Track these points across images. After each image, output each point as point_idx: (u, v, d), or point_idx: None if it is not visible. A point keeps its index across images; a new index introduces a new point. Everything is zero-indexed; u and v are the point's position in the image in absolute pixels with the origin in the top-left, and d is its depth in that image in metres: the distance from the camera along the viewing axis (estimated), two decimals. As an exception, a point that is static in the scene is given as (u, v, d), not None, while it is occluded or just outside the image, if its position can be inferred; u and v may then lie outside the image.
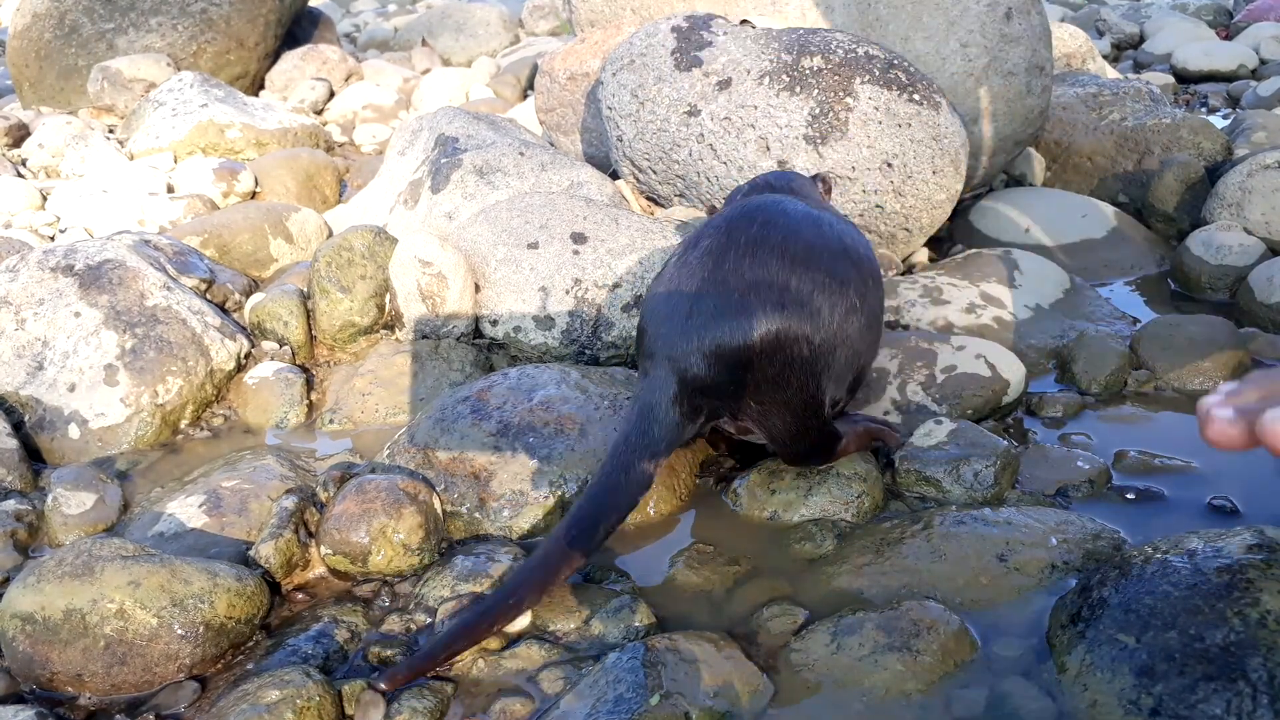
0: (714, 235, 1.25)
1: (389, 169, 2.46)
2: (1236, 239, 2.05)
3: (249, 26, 4.05)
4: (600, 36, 2.50)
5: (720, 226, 1.26)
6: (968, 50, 2.26)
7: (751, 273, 1.20)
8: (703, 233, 1.28)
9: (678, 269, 1.26)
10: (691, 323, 1.20)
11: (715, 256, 1.22)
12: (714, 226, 1.27)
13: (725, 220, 1.27)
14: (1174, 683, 0.99)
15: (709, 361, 1.19)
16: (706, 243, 1.25)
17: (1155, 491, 1.39)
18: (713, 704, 1.05)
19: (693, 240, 1.29)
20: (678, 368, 1.20)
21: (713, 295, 1.20)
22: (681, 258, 1.27)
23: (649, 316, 1.27)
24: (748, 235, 1.23)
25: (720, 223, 1.27)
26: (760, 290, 1.19)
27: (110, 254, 1.87)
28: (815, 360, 1.20)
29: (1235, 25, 4.50)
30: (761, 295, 1.18)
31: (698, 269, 1.23)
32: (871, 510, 1.37)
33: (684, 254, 1.28)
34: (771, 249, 1.21)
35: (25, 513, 1.48)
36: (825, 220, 1.28)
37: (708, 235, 1.26)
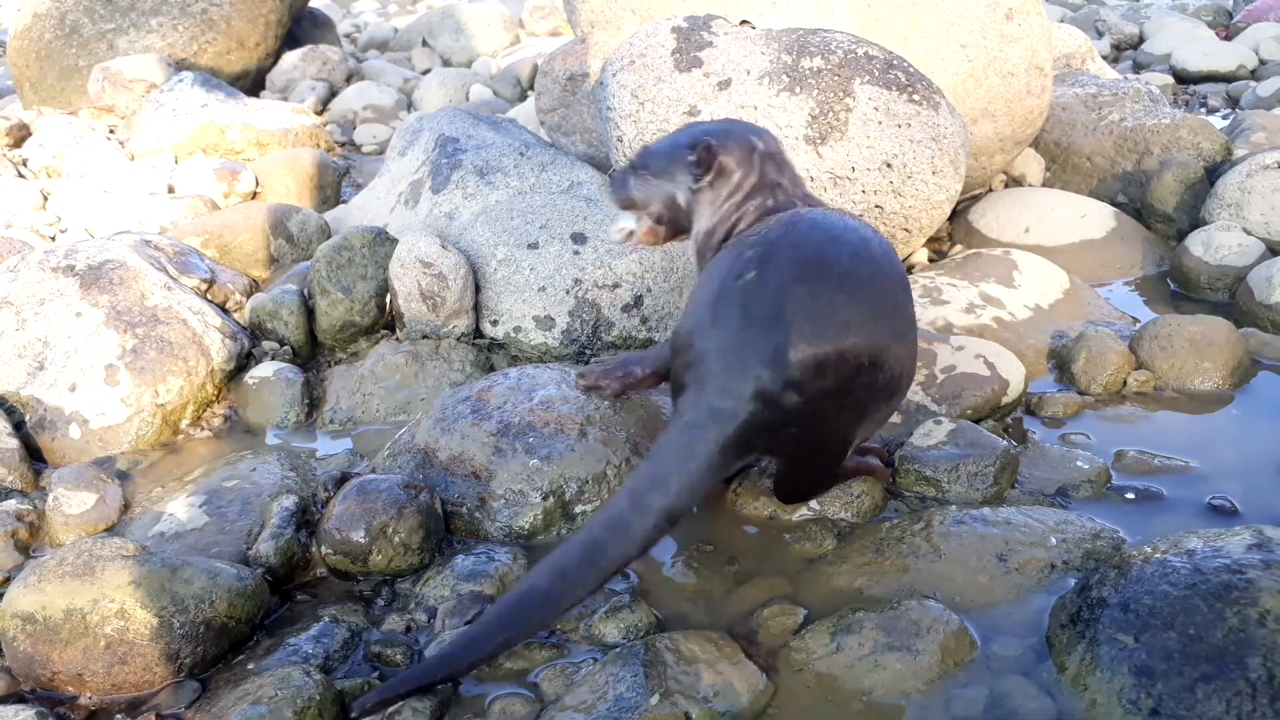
0: (787, 262, 1.18)
1: (389, 169, 2.46)
2: (1236, 239, 2.05)
3: (249, 27, 4.05)
4: (600, 37, 2.50)
5: (791, 251, 1.19)
6: (967, 50, 2.26)
7: (855, 301, 1.16)
8: (763, 254, 1.20)
9: (743, 291, 1.18)
10: (783, 346, 1.13)
11: (802, 284, 1.16)
12: (776, 249, 1.20)
13: (794, 244, 1.20)
14: (1173, 682, 0.99)
15: (799, 386, 1.14)
16: (780, 272, 1.17)
17: (1155, 491, 1.39)
18: (713, 704, 1.05)
19: (752, 261, 1.20)
20: (755, 393, 1.14)
21: (808, 319, 1.14)
22: (745, 279, 1.19)
23: (712, 337, 1.18)
24: (839, 267, 1.17)
25: (787, 247, 1.20)
26: (875, 318, 1.17)
27: (111, 254, 1.87)
28: (897, 385, 1.23)
29: (1235, 25, 4.50)
30: (877, 323, 1.17)
31: (778, 292, 1.16)
32: (871, 510, 1.37)
33: (748, 275, 1.19)
34: (868, 280, 1.18)
35: (26, 512, 1.48)
36: (885, 244, 1.26)
37: (773, 261, 1.19)
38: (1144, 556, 1.12)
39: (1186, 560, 1.08)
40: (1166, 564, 1.09)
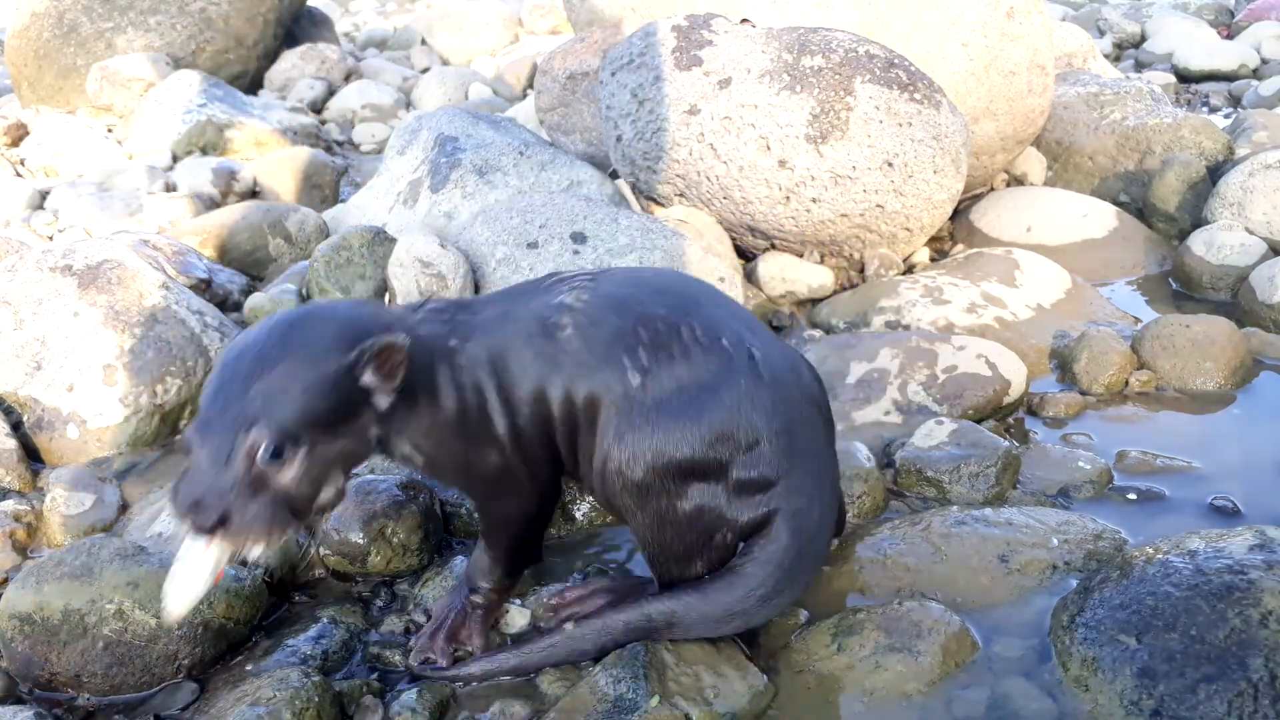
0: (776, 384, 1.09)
1: (388, 168, 2.46)
2: (1238, 238, 2.04)
3: (248, 25, 4.04)
4: (600, 36, 2.49)
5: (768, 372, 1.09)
6: (969, 49, 2.26)
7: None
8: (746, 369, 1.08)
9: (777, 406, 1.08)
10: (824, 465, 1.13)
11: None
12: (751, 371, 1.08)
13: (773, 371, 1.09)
14: (1175, 683, 0.99)
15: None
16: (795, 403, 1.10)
17: (1157, 491, 1.39)
18: (713, 705, 1.04)
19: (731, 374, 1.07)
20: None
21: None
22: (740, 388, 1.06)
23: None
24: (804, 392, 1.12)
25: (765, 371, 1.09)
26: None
27: (109, 254, 1.86)
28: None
29: (1236, 24, 4.50)
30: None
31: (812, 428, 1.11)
32: (872, 510, 1.37)
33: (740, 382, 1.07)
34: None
35: (24, 513, 1.48)
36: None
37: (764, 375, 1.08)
38: (1146, 557, 1.11)
39: (1188, 561, 1.08)
40: (1168, 565, 1.08)
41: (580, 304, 1.10)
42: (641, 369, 1.05)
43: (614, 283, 1.13)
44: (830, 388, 1.61)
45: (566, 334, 1.08)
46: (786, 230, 2.01)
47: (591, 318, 1.09)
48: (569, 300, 1.10)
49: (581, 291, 1.11)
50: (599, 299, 1.10)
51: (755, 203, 1.99)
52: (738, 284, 1.90)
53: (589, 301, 1.10)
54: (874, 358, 1.64)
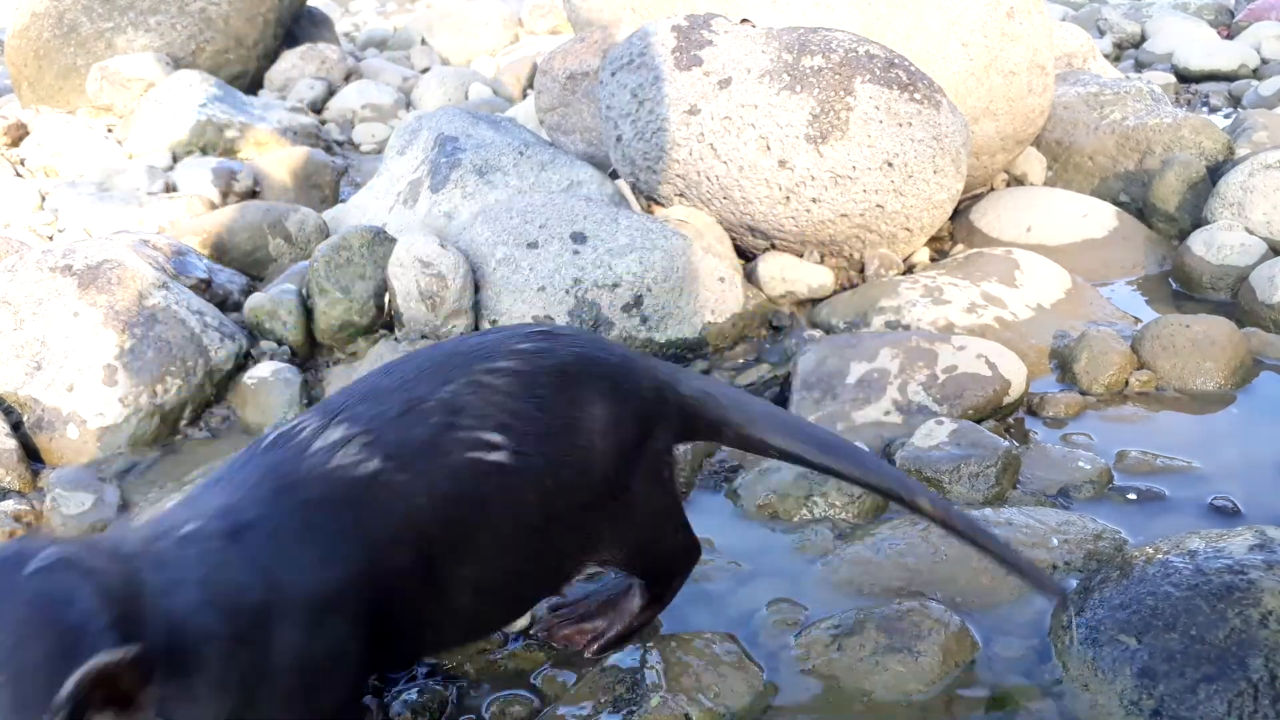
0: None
1: (388, 168, 2.46)
2: (1238, 238, 2.04)
3: (248, 25, 4.04)
4: (600, 36, 2.49)
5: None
6: (969, 49, 2.26)
7: None
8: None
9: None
10: None
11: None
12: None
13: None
14: (1175, 683, 0.99)
15: None
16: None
17: (1157, 491, 1.39)
18: (713, 705, 1.04)
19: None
20: None
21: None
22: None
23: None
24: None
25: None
26: None
27: (109, 254, 1.86)
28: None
29: (1236, 24, 4.49)
30: None
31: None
32: (872, 510, 1.37)
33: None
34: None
35: (24, 513, 1.48)
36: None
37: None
38: (1146, 557, 1.11)
39: (1188, 561, 1.08)
40: (1168, 565, 1.08)
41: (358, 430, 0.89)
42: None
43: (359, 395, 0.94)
44: (830, 388, 1.61)
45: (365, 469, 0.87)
46: (786, 230, 2.01)
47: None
48: (340, 434, 0.88)
49: (347, 424, 0.90)
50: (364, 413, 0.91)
51: (755, 203, 1.99)
52: (738, 284, 1.90)
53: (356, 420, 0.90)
54: (874, 358, 1.64)
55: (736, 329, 1.87)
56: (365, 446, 0.88)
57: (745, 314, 1.88)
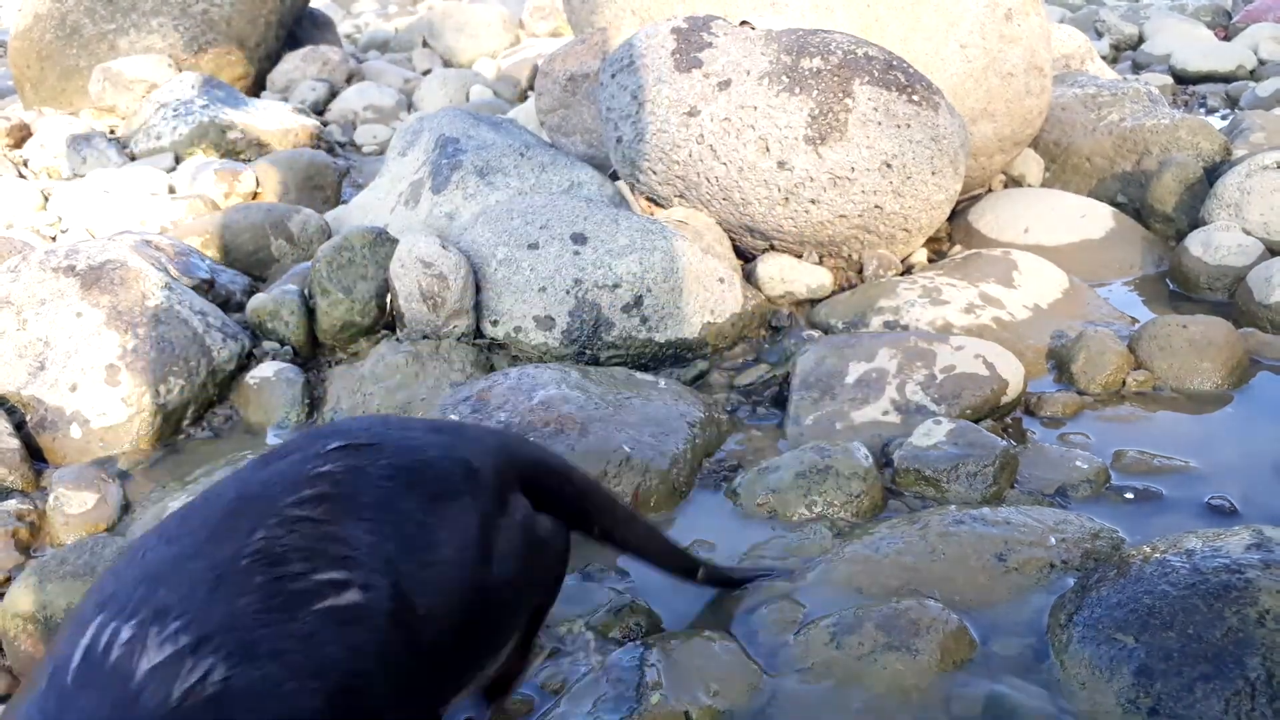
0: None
1: (390, 169, 2.46)
2: (1235, 239, 2.05)
3: (250, 27, 4.05)
4: (600, 37, 2.50)
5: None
6: (967, 51, 2.27)
7: None
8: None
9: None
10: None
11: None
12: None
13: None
14: (1172, 682, 0.99)
15: None
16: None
17: (1154, 491, 1.39)
18: (712, 703, 1.05)
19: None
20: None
21: None
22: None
23: None
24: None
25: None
26: None
27: (112, 254, 1.87)
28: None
29: (1234, 26, 4.50)
30: None
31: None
32: (870, 509, 1.38)
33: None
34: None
35: (27, 512, 1.48)
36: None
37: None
38: (1143, 556, 1.12)
39: (1186, 560, 1.09)
40: (1166, 564, 1.09)
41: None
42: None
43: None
44: (829, 388, 1.62)
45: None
46: (785, 231, 2.02)
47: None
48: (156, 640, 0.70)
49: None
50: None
51: (754, 204, 2.00)
52: (737, 284, 1.91)
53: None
54: (872, 358, 1.64)
55: (736, 329, 1.88)
56: (196, 651, 0.70)
57: (744, 314, 1.89)
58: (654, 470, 1.44)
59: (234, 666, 0.70)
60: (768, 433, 1.62)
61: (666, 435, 1.50)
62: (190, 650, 0.70)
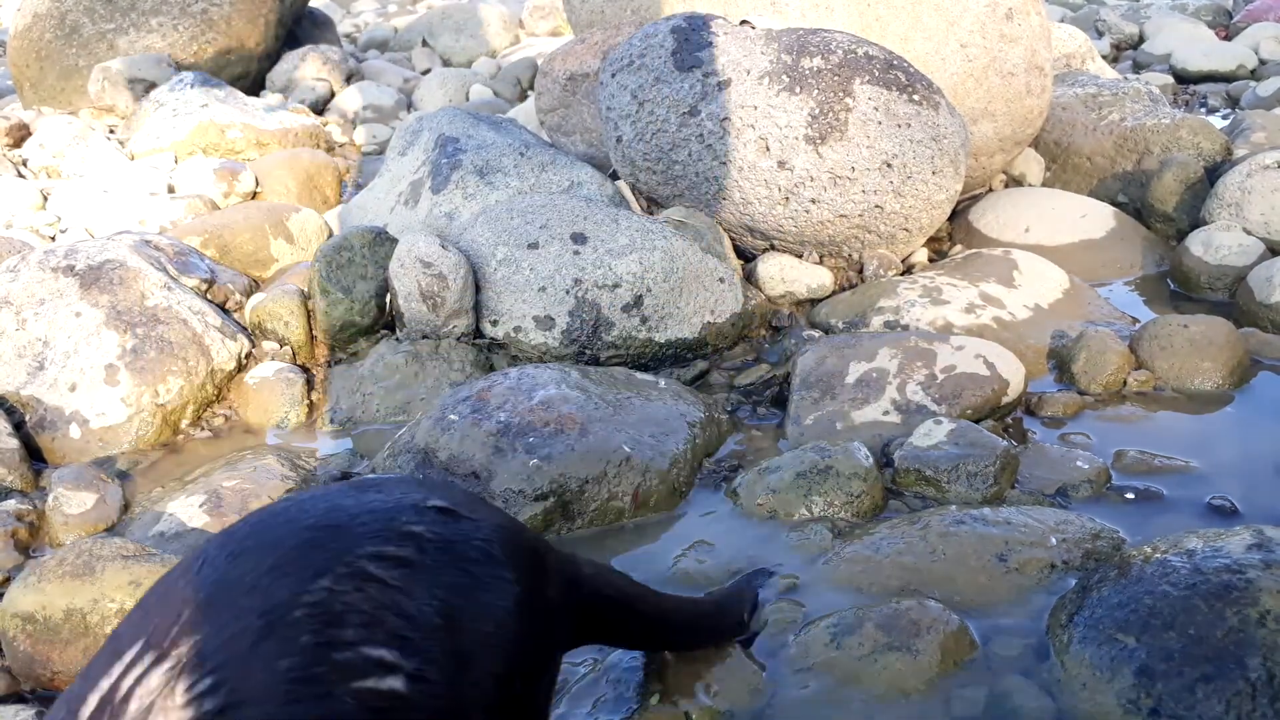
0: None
1: (389, 169, 2.46)
2: (1236, 239, 2.05)
3: (249, 27, 4.05)
4: (600, 37, 2.50)
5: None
6: (967, 50, 2.27)
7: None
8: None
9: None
10: None
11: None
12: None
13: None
14: (1173, 682, 0.99)
15: None
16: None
17: (1155, 491, 1.39)
18: (712, 703, 1.05)
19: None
20: None
21: None
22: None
23: None
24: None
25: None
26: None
27: (111, 254, 1.87)
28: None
29: (1234, 25, 4.50)
30: None
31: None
32: (871, 509, 1.37)
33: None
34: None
35: (26, 512, 1.48)
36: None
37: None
38: (1144, 556, 1.12)
39: (1186, 560, 1.08)
40: (1166, 564, 1.09)
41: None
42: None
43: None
44: (829, 388, 1.62)
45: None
46: (785, 231, 2.02)
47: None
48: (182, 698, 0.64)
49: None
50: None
51: (754, 203, 1.99)
52: (737, 284, 1.91)
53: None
54: (873, 358, 1.64)
55: (736, 329, 1.87)
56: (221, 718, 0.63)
57: (745, 314, 1.89)
58: (654, 470, 1.44)
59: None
60: (768, 433, 1.62)
61: (666, 435, 1.50)
62: (215, 717, 0.63)
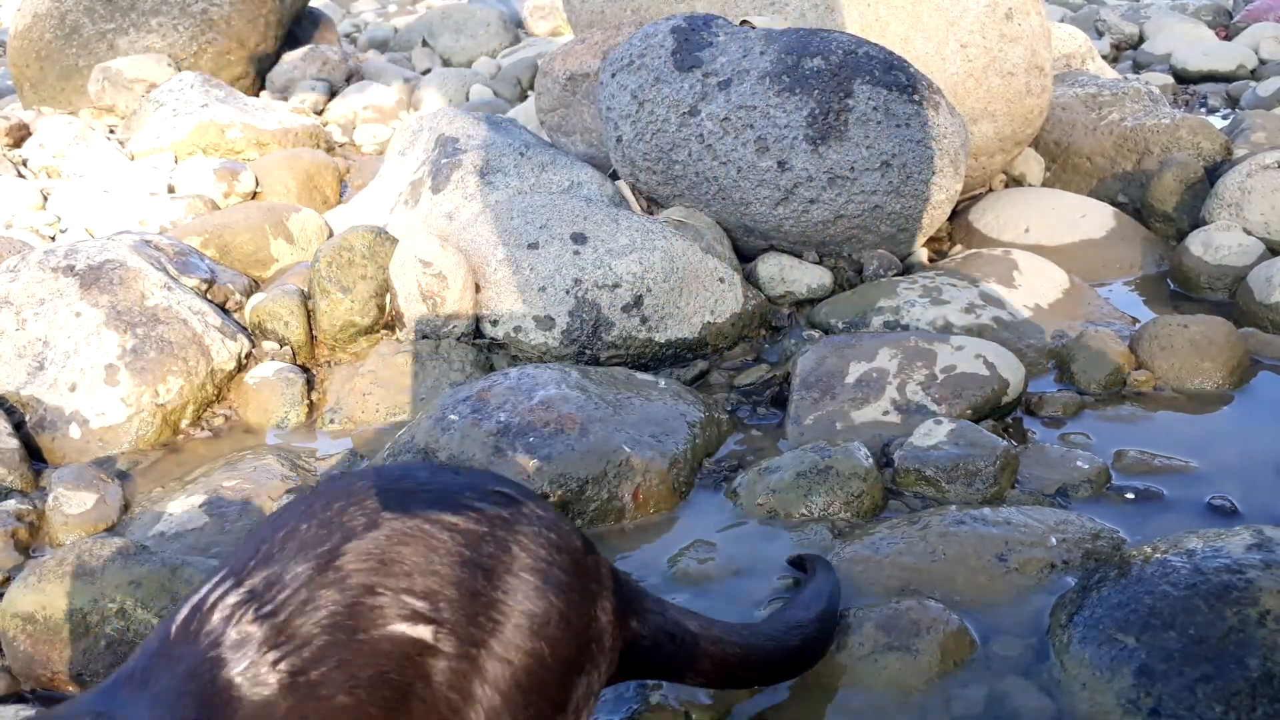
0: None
1: (389, 169, 2.46)
2: (1236, 239, 2.05)
3: (249, 27, 4.05)
4: (600, 37, 2.50)
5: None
6: (967, 50, 2.27)
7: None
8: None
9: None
10: None
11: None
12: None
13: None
14: (1173, 682, 0.99)
15: None
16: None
17: (1155, 491, 1.39)
18: (712, 703, 1.05)
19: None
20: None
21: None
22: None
23: None
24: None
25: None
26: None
27: (111, 254, 1.87)
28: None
29: (1234, 25, 4.50)
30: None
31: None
32: (870, 509, 1.37)
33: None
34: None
35: (26, 512, 1.48)
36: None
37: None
38: (1144, 556, 1.12)
39: (1186, 560, 1.08)
40: (1166, 564, 1.09)
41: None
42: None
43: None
44: (829, 388, 1.62)
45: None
46: (785, 231, 2.02)
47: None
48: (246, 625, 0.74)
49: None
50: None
51: (754, 203, 1.99)
52: (737, 284, 1.91)
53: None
54: (873, 358, 1.64)
55: (736, 329, 1.88)
56: (274, 641, 0.73)
57: (744, 314, 1.89)
58: (654, 470, 1.44)
59: (295, 669, 0.73)
60: (768, 433, 1.62)
61: (666, 435, 1.50)
62: (270, 637, 0.73)
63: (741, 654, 0.99)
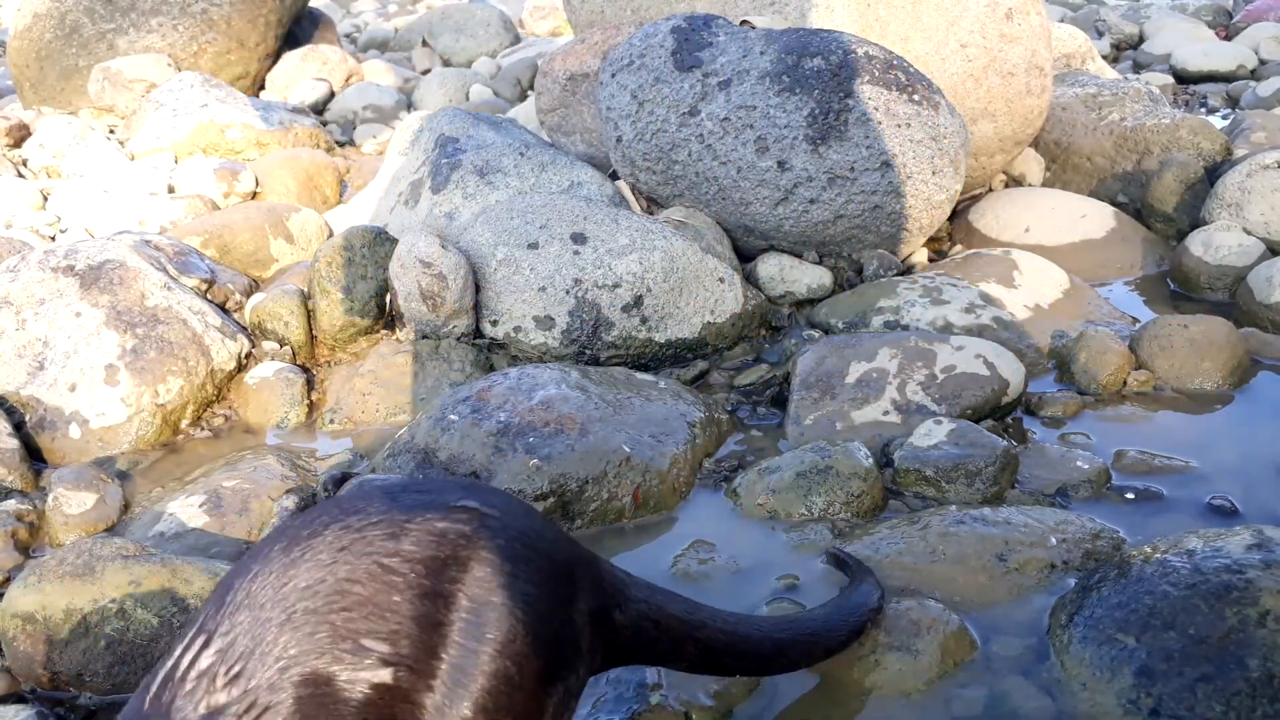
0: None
1: (389, 169, 2.46)
2: (1236, 239, 2.05)
3: (249, 27, 4.05)
4: (600, 37, 2.50)
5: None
6: (967, 50, 2.27)
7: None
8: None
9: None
10: None
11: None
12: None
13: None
14: (1173, 682, 0.99)
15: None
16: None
17: (1155, 491, 1.39)
18: (712, 703, 1.05)
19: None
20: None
21: None
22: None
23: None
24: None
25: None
26: None
27: (111, 254, 1.87)
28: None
29: (1234, 25, 4.50)
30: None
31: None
32: (871, 509, 1.37)
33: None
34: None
35: (26, 512, 1.48)
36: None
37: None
38: (1144, 556, 1.12)
39: (1186, 560, 1.08)
40: (1166, 564, 1.09)
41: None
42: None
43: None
44: (829, 388, 1.62)
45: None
46: (785, 231, 2.02)
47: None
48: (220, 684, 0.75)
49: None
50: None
51: (754, 203, 1.99)
52: (737, 284, 1.91)
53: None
54: (873, 358, 1.64)
55: (736, 329, 1.88)
56: (235, 712, 0.74)
57: (744, 314, 1.89)
58: (654, 470, 1.44)
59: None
60: (768, 433, 1.62)
61: (666, 435, 1.50)
62: (238, 704, 0.74)
63: (727, 641, 0.99)
